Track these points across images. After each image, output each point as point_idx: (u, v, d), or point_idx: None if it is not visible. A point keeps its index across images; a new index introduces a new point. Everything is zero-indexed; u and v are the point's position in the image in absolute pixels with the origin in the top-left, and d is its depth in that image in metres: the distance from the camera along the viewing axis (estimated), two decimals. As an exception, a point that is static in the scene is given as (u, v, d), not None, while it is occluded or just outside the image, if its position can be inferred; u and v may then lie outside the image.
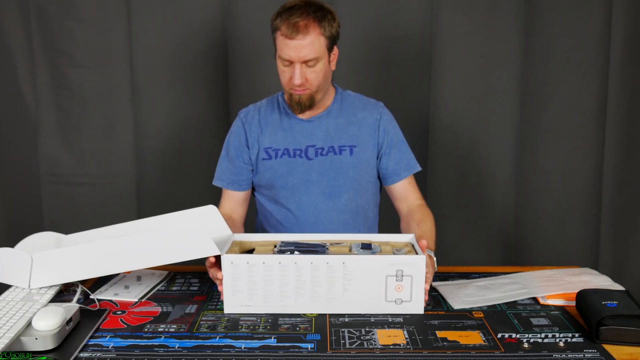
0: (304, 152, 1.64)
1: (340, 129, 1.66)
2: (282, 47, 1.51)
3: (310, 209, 1.65)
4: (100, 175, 2.34)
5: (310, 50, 1.50)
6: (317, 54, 1.51)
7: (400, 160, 1.69)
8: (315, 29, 1.50)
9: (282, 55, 1.53)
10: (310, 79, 1.54)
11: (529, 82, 2.26)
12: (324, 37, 1.52)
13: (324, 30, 1.52)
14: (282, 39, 1.51)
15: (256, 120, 1.69)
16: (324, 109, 1.66)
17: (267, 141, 1.66)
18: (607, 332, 1.16)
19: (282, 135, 1.66)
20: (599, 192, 2.33)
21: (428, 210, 1.68)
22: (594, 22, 2.20)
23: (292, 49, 1.50)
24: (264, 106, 1.71)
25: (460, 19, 2.21)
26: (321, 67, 1.54)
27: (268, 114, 1.69)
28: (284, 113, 1.68)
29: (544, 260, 2.20)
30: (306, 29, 1.49)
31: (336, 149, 1.65)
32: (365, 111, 1.69)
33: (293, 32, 1.48)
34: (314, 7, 1.52)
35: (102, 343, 1.17)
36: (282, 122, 1.67)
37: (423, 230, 1.58)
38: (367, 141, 1.67)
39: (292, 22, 1.49)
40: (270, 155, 1.65)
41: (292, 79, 1.53)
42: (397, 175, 1.69)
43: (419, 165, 1.73)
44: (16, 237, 1.50)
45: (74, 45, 2.24)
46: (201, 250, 1.29)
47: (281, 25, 1.51)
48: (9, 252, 1.36)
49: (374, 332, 1.21)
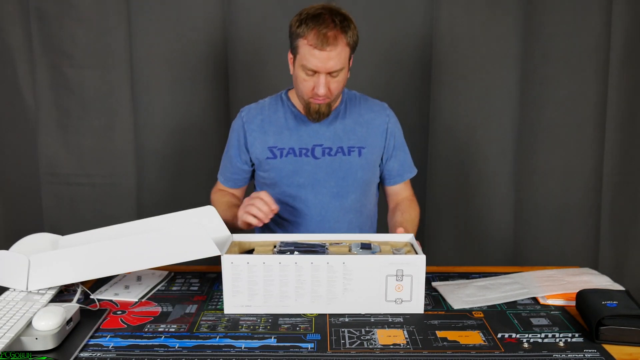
0: (310, 152, 1.65)
1: (348, 130, 1.67)
2: (309, 57, 1.49)
3: (317, 208, 1.66)
4: (100, 175, 2.34)
5: (337, 61, 1.49)
6: (342, 65, 1.52)
7: (404, 162, 1.74)
8: (342, 40, 1.49)
9: (307, 65, 1.50)
10: (333, 89, 1.54)
11: (529, 82, 2.26)
12: (349, 47, 1.52)
13: (348, 41, 1.52)
14: (308, 49, 1.48)
15: (259, 119, 1.68)
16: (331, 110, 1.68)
17: (272, 140, 1.66)
18: (607, 332, 1.16)
19: (288, 134, 1.66)
20: (598, 192, 2.34)
21: (415, 203, 1.76)
22: (594, 22, 2.20)
23: (320, 60, 1.48)
24: (267, 105, 1.71)
25: (460, 19, 2.22)
26: (343, 77, 1.55)
27: (272, 113, 1.69)
28: (288, 112, 1.68)
29: (544, 260, 2.20)
30: (335, 41, 1.48)
31: (345, 150, 1.66)
32: (372, 113, 1.71)
33: (323, 44, 1.46)
34: (339, 17, 1.50)
35: (102, 343, 1.17)
36: (287, 121, 1.67)
37: (405, 217, 1.66)
38: (375, 143, 1.69)
39: (321, 33, 1.46)
40: (275, 155, 1.66)
41: (316, 89, 1.52)
42: (400, 177, 1.74)
43: (415, 167, 1.80)
44: (16, 237, 1.50)
45: (74, 45, 2.24)
46: (201, 250, 1.29)
47: (308, 33, 1.48)
48: (5, 254, 1.35)
49: (374, 332, 1.21)
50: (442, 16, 2.21)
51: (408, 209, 1.71)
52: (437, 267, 1.59)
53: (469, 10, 2.21)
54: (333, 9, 1.52)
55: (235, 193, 1.78)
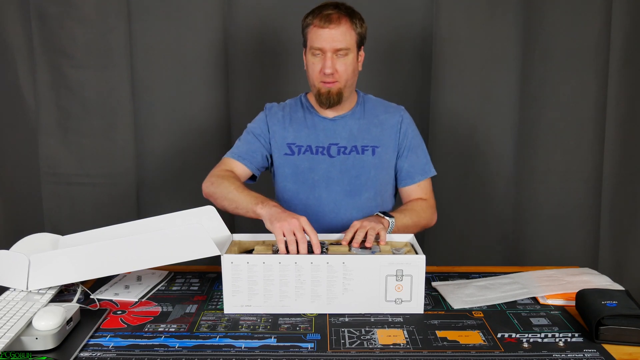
0: (326, 150, 1.68)
1: (363, 130, 1.69)
2: (314, 37, 1.57)
3: (330, 205, 1.68)
4: (100, 175, 2.34)
5: (342, 39, 1.56)
6: (348, 44, 1.57)
7: (415, 164, 1.73)
8: (347, 22, 1.57)
9: (313, 45, 1.58)
10: (340, 71, 1.58)
11: (529, 82, 2.26)
12: (355, 32, 1.59)
13: (355, 27, 1.59)
14: (314, 30, 1.57)
15: (280, 116, 1.72)
16: (348, 110, 1.71)
17: (291, 137, 1.69)
18: (606, 332, 1.16)
19: (306, 132, 1.69)
20: (598, 192, 2.34)
21: (427, 205, 1.71)
22: (594, 22, 2.20)
23: (325, 38, 1.56)
24: (289, 105, 1.76)
25: (460, 19, 2.22)
26: (350, 61, 1.59)
27: (293, 112, 1.73)
28: (307, 112, 1.72)
29: (544, 260, 2.20)
30: (338, 20, 1.56)
31: (359, 149, 1.68)
32: (387, 114, 1.73)
33: (326, 22, 1.56)
34: (344, 7, 1.60)
35: (103, 343, 1.17)
36: (306, 120, 1.71)
37: (405, 207, 1.67)
38: (389, 142, 1.70)
39: (324, 14, 1.56)
40: (293, 151, 1.68)
41: (323, 69, 1.57)
42: (410, 178, 1.73)
43: (434, 170, 1.76)
44: (16, 237, 1.50)
45: (74, 45, 2.24)
46: (201, 250, 1.29)
47: (314, 19, 1.58)
48: (5, 254, 1.35)
49: (374, 332, 1.21)
50: (442, 16, 2.21)
51: (412, 204, 1.68)
52: (437, 267, 1.59)
53: (469, 10, 2.21)
54: (339, 3, 1.61)
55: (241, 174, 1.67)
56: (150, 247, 1.31)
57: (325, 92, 1.61)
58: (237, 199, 1.52)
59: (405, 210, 1.65)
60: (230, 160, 1.68)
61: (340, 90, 1.61)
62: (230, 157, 1.69)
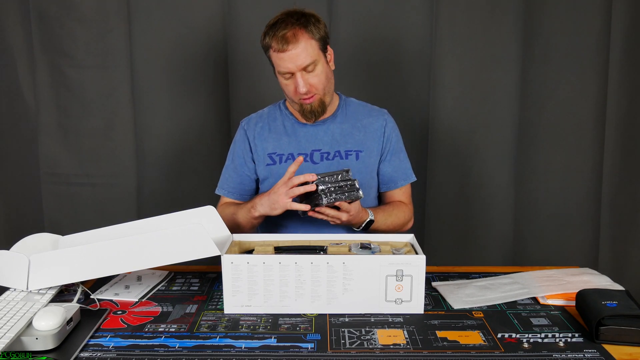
0: (309, 157, 1.66)
1: (346, 134, 1.68)
2: (278, 62, 1.55)
3: None
4: (100, 175, 2.34)
5: (305, 56, 1.52)
6: (312, 58, 1.54)
7: (398, 168, 1.72)
8: (304, 35, 1.53)
9: (280, 70, 1.56)
10: (314, 84, 1.56)
11: (529, 82, 2.26)
12: (314, 40, 1.55)
13: (313, 34, 1.54)
14: (276, 55, 1.55)
15: (259, 127, 1.71)
16: (329, 114, 1.69)
17: (271, 147, 1.68)
18: (606, 332, 1.16)
19: (287, 140, 1.68)
20: (598, 192, 2.34)
21: (406, 207, 1.73)
22: (593, 22, 2.20)
23: (288, 60, 1.52)
24: (267, 113, 1.74)
25: (460, 19, 2.22)
26: (321, 70, 1.56)
27: (271, 121, 1.71)
28: (287, 119, 1.70)
29: (544, 260, 2.20)
30: (295, 38, 1.52)
31: (342, 154, 1.66)
32: (370, 117, 1.71)
33: (284, 45, 1.51)
34: (296, 16, 1.55)
35: (103, 343, 1.17)
36: (285, 127, 1.69)
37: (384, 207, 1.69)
38: (372, 147, 1.69)
39: (279, 36, 1.52)
40: (274, 161, 1.67)
41: (297, 89, 1.55)
42: (393, 183, 1.73)
43: (414, 176, 1.77)
44: (16, 237, 1.50)
45: (74, 45, 2.24)
46: (201, 250, 1.29)
47: (271, 42, 1.55)
48: (5, 254, 1.35)
49: (374, 332, 1.21)
50: (442, 16, 2.21)
51: (391, 205, 1.70)
52: (437, 267, 1.59)
53: (469, 10, 2.21)
54: (292, 11, 1.57)
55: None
56: (150, 247, 1.30)
57: (308, 107, 1.60)
58: (239, 220, 1.62)
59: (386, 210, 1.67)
60: (224, 198, 1.75)
61: (321, 99, 1.60)
62: (221, 194, 1.75)
